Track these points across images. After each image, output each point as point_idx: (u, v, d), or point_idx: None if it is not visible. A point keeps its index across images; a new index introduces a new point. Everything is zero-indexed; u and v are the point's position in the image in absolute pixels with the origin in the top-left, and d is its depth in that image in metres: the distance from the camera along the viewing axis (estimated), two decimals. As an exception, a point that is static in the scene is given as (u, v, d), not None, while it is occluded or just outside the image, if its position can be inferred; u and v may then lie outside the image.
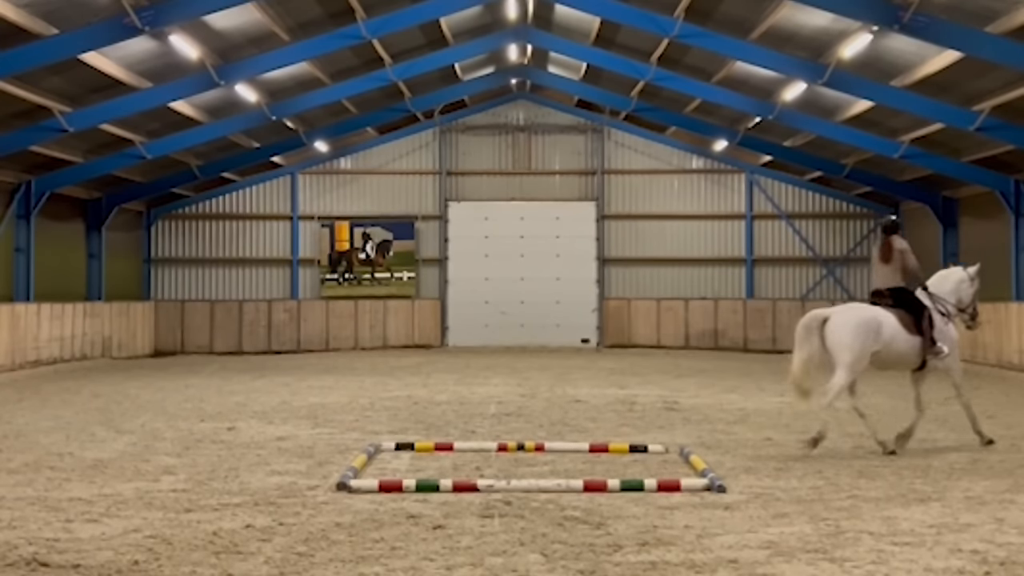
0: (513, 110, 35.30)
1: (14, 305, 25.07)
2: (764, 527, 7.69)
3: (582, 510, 8.27)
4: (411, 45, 26.74)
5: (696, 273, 34.86)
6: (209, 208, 34.88)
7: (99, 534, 7.47)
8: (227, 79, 23.38)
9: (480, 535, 7.43)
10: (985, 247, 28.52)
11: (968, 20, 18.42)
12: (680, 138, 34.94)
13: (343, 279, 34.59)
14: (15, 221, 26.55)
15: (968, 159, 26.70)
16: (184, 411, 15.80)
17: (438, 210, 34.97)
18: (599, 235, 34.87)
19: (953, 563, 6.65)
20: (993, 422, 14.41)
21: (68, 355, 27.22)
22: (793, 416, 15.16)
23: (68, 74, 21.58)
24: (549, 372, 23.72)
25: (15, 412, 15.73)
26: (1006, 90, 21.03)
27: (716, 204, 35.00)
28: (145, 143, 27.31)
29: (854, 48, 20.89)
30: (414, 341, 34.41)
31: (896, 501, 8.70)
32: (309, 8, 22.38)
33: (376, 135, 35.06)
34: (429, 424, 14.22)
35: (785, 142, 31.69)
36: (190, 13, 19.98)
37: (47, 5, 18.20)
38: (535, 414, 15.37)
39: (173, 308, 33.90)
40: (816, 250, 34.57)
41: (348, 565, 6.63)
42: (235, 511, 8.27)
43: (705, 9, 22.24)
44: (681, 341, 34.20)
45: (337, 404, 16.82)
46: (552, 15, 26.86)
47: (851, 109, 26.00)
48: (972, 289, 12.29)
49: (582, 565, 6.60)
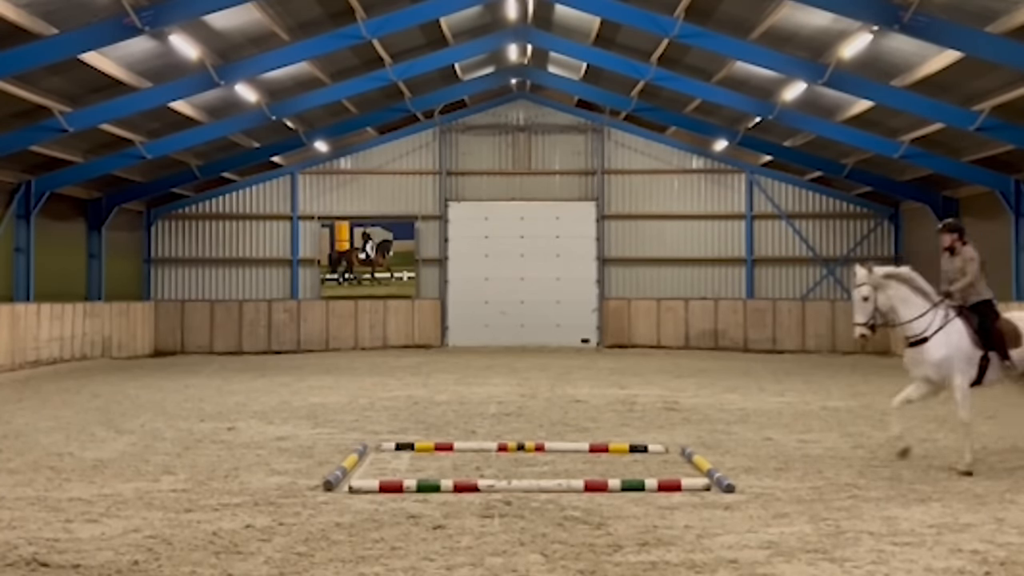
0: (513, 110, 35.29)
1: (14, 305, 25.07)
2: (764, 527, 7.69)
3: (582, 510, 8.27)
4: (411, 45, 26.74)
5: (696, 273, 34.86)
6: (209, 208, 34.88)
7: (99, 534, 7.47)
8: (227, 79, 23.39)
9: (480, 535, 7.43)
10: (985, 247, 28.47)
11: (968, 20, 18.42)
12: (680, 138, 34.94)
13: (343, 279, 34.58)
14: (15, 221, 26.55)
15: (968, 159, 26.70)
16: (184, 411, 15.80)
17: (438, 210, 34.97)
18: (599, 235, 34.87)
19: (953, 563, 6.65)
20: (993, 422, 14.42)
21: (68, 355, 27.21)
22: (793, 416, 15.17)
23: (68, 74, 21.58)
24: (549, 372, 23.71)
25: (15, 412, 15.72)
26: (1006, 90, 21.03)
27: (716, 204, 35.00)
28: (145, 143, 27.31)
29: (854, 48, 20.89)
30: (414, 341, 34.40)
31: (896, 501, 8.70)
32: (309, 8, 22.38)
33: (376, 135, 35.06)
34: (429, 424, 14.22)
35: (785, 142, 31.69)
36: (190, 13, 19.98)
37: (47, 5, 18.20)
38: (535, 414, 15.37)
39: (173, 308, 33.89)
40: (816, 250, 34.57)
41: (348, 565, 6.63)
42: (235, 511, 8.27)
43: (705, 9, 22.24)
44: (681, 341, 34.20)
45: (337, 404, 16.81)
46: (552, 15, 26.86)
47: (851, 109, 26.00)
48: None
49: (582, 565, 6.60)
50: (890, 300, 10.66)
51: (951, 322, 10.53)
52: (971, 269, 10.74)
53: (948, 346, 10.43)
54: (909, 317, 10.58)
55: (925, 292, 10.70)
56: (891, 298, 10.66)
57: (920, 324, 10.56)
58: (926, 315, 10.57)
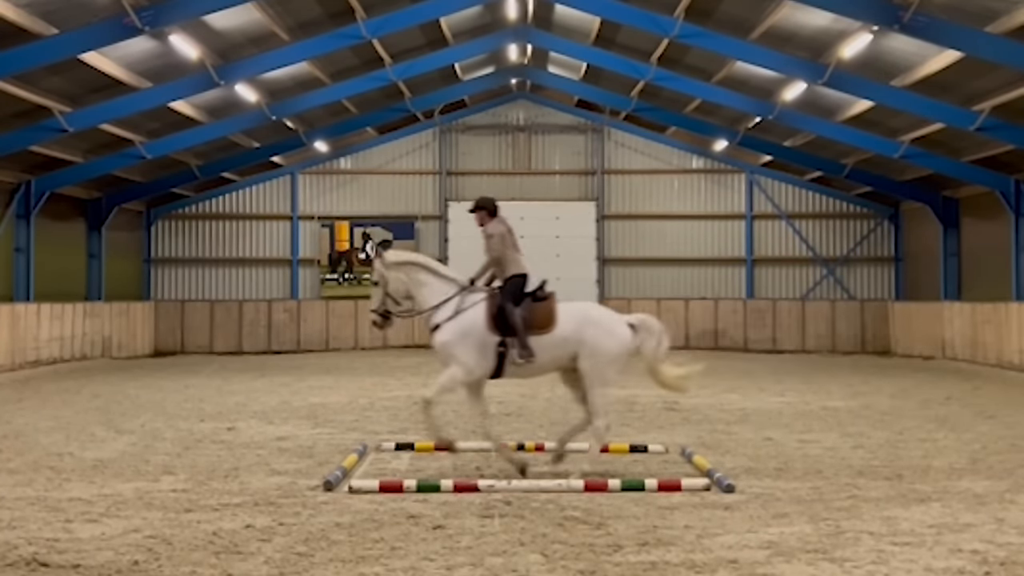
0: (513, 110, 35.28)
1: (14, 305, 25.06)
2: (764, 527, 7.69)
3: (582, 510, 8.27)
4: (411, 45, 26.74)
5: (696, 273, 34.86)
6: (209, 208, 34.87)
7: (99, 534, 7.47)
8: (227, 79, 23.38)
9: (480, 535, 7.43)
10: (985, 247, 28.55)
11: (968, 20, 18.42)
12: (680, 138, 34.93)
13: (343, 279, 34.58)
14: (15, 221, 26.55)
15: (968, 159, 26.69)
16: (184, 411, 15.80)
17: (438, 210, 34.96)
18: (599, 235, 34.86)
19: (953, 563, 6.65)
20: (993, 422, 14.42)
21: (68, 355, 27.20)
22: (793, 416, 15.17)
23: (68, 74, 21.57)
24: (549, 372, 23.67)
25: (15, 412, 15.72)
26: (1006, 90, 21.02)
27: (716, 204, 34.99)
28: (145, 143, 27.30)
29: (854, 48, 20.88)
30: (414, 341, 34.36)
31: (896, 501, 8.70)
32: (309, 8, 22.38)
33: (376, 135, 35.06)
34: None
35: (785, 142, 31.69)
36: (190, 13, 19.98)
37: (47, 5, 18.20)
38: (535, 414, 15.38)
39: (173, 308, 33.88)
40: (816, 250, 34.56)
41: (348, 565, 6.63)
42: (235, 511, 8.27)
43: (705, 9, 22.24)
44: (681, 341, 34.14)
45: (337, 404, 16.82)
46: (552, 15, 26.86)
47: (851, 109, 25.99)
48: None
49: (582, 565, 6.60)
50: (405, 286, 10.05)
51: (474, 307, 9.81)
52: (492, 245, 10.01)
53: (454, 332, 9.71)
54: (428, 304, 9.95)
55: (447, 277, 10.10)
56: (406, 284, 10.04)
57: (438, 310, 9.87)
58: (449, 301, 9.88)
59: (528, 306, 9.78)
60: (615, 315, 10.20)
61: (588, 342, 9.70)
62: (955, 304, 28.63)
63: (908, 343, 31.36)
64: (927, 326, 30.03)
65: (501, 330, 9.67)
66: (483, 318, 9.73)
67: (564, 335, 9.72)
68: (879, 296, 34.17)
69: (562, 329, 9.73)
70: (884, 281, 34.37)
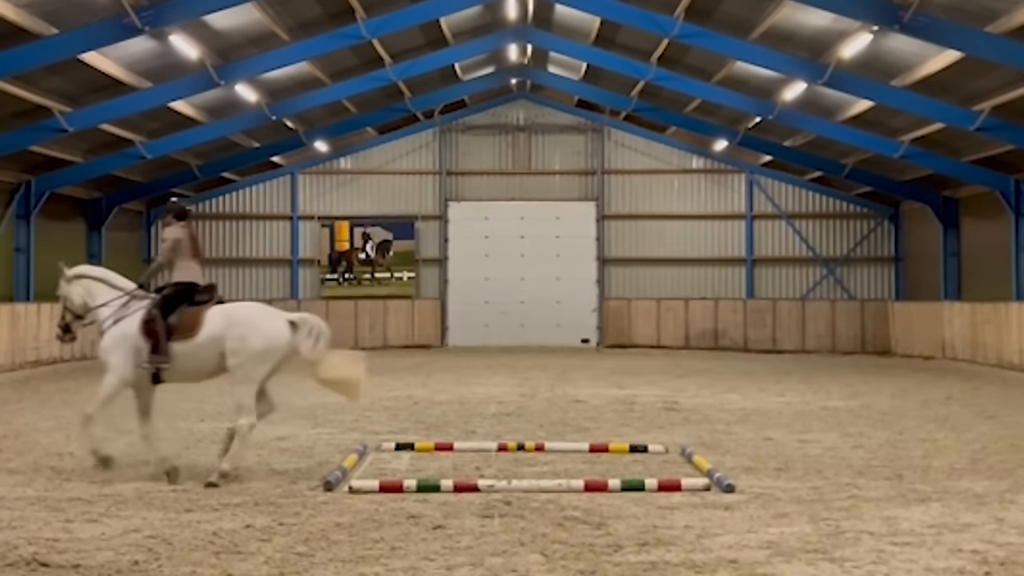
0: (513, 110, 35.29)
1: (14, 305, 25.06)
2: (764, 527, 7.68)
3: (582, 510, 8.26)
4: (411, 45, 26.74)
5: (696, 273, 34.87)
6: (209, 208, 34.88)
7: (99, 534, 7.47)
8: (227, 79, 23.39)
9: (480, 535, 7.42)
10: (985, 247, 28.55)
11: (968, 20, 18.42)
12: (680, 138, 34.94)
13: (343, 279, 34.59)
14: (15, 221, 26.55)
15: (968, 159, 26.70)
16: (184, 411, 15.79)
17: (438, 210, 34.97)
18: (599, 235, 34.87)
19: (953, 563, 6.65)
20: (993, 422, 14.42)
21: (68, 355, 27.19)
22: (793, 416, 15.17)
23: (68, 74, 21.58)
24: (549, 372, 23.71)
25: (15, 412, 15.72)
26: (1006, 90, 21.03)
27: (716, 204, 35.00)
28: (145, 143, 27.31)
29: (854, 48, 20.89)
30: (414, 341, 34.40)
31: (896, 501, 8.69)
32: (309, 8, 22.38)
33: (376, 135, 35.06)
34: (429, 424, 14.22)
35: (785, 142, 31.69)
36: (190, 13, 19.99)
37: (47, 5, 18.20)
38: (535, 414, 15.37)
39: (173, 308, 33.83)
40: (816, 250, 34.57)
41: (348, 565, 6.62)
42: (235, 511, 8.26)
43: (705, 9, 22.24)
44: (681, 341, 34.19)
45: (337, 404, 16.78)
46: (552, 15, 26.86)
47: (851, 109, 26.00)
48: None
49: (582, 565, 6.60)
50: (82, 298, 10.37)
51: (133, 314, 9.98)
52: (162, 249, 10.37)
53: (113, 338, 9.90)
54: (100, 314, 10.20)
55: (116, 285, 10.35)
56: (83, 296, 10.37)
57: (102, 314, 10.13)
58: (110, 304, 10.13)
59: (180, 312, 9.94)
60: (269, 313, 10.21)
61: (232, 341, 9.77)
62: (955, 304, 28.63)
63: (908, 343, 31.36)
64: (927, 326, 30.03)
65: (150, 336, 9.83)
66: (137, 325, 9.91)
67: (209, 336, 9.82)
68: (879, 296, 34.18)
69: (207, 332, 9.84)
70: (884, 281, 34.38)
